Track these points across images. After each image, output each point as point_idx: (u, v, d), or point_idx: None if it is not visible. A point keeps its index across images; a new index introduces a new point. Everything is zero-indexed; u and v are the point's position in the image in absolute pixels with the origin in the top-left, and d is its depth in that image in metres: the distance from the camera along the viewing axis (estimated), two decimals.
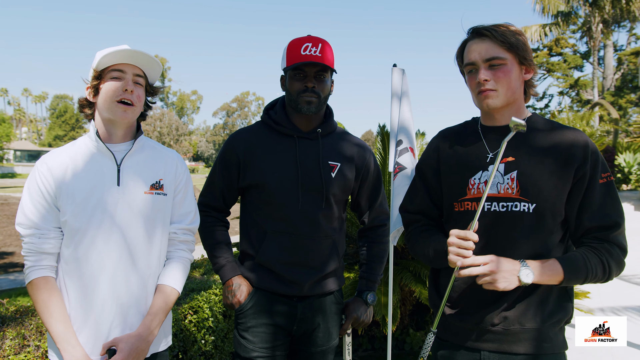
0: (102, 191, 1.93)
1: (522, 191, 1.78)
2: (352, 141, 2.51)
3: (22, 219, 1.91)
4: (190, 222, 2.16)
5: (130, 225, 1.95)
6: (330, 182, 2.34)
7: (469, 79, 1.89)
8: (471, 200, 1.86)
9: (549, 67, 37.55)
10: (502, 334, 1.82)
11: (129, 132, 2.05)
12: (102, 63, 1.94)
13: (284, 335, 2.36)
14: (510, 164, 1.82)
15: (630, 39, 36.34)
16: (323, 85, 2.31)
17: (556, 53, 37.65)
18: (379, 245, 2.58)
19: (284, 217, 2.31)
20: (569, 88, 38.84)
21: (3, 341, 2.61)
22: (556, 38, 32.80)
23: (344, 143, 2.47)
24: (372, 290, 2.51)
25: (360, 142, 2.54)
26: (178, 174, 2.12)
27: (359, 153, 2.48)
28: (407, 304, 5.01)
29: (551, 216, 1.79)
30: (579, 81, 37.54)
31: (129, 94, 1.95)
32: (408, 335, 5.19)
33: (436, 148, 2.05)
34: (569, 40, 36.72)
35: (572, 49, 37.53)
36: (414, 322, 5.31)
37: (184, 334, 3.36)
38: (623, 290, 7.61)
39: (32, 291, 1.90)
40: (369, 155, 2.51)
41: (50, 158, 1.97)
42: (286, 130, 2.37)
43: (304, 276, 2.32)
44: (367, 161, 2.49)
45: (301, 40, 2.29)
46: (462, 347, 1.91)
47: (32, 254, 1.90)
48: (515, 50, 1.81)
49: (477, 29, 1.86)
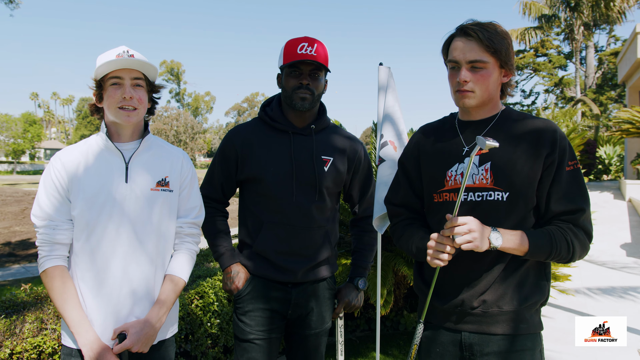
0: (112, 187, 1.91)
1: (495, 181, 1.76)
2: (344, 135, 2.47)
3: (37, 210, 1.89)
4: (195, 216, 2.13)
5: (139, 220, 1.93)
6: (323, 176, 2.31)
7: (450, 75, 1.84)
8: (449, 192, 1.84)
9: (535, 67, 37.31)
10: (481, 316, 1.80)
11: (136, 131, 2.01)
12: (99, 72, 1.90)
13: (280, 319, 2.33)
14: (485, 156, 1.79)
15: (609, 41, 36.18)
16: (317, 83, 2.28)
17: (542, 54, 37.41)
18: (370, 234, 2.55)
19: (279, 209, 2.28)
20: (553, 86, 38.60)
21: (23, 324, 2.59)
22: (541, 40, 32.60)
23: (336, 138, 2.43)
24: (362, 276, 2.49)
25: (352, 136, 2.50)
26: (183, 171, 2.08)
27: (350, 147, 2.44)
28: (401, 288, 4.97)
29: (524, 203, 1.76)
30: (563, 80, 37.32)
31: (129, 101, 1.91)
32: (402, 317, 5.17)
33: (416, 143, 2.02)
34: (553, 42, 36.47)
35: (556, 50, 37.30)
36: (408, 304, 5.28)
37: (190, 318, 3.33)
38: (602, 273, 7.58)
39: (46, 279, 1.88)
40: (360, 149, 2.47)
41: (64, 154, 1.96)
42: (281, 126, 2.33)
43: (297, 264, 2.29)
44: (358, 154, 2.45)
45: (297, 40, 2.26)
46: (443, 328, 1.89)
47: (46, 244, 1.88)
48: (498, 55, 1.75)
49: (465, 27, 1.78)
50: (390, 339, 4.89)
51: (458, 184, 1.81)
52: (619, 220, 11.01)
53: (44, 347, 2.53)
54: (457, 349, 1.85)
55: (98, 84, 1.93)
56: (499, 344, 1.78)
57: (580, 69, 29.62)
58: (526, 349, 1.79)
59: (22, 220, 14.20)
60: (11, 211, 15.45)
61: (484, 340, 1.80)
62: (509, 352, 1.78)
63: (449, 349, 1.87)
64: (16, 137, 56.80)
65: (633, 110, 13.73)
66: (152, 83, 2.03)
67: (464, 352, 1.84)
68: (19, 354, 2.46)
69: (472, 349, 1.82)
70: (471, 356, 1.83)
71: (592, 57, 30.02)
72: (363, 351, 4.62)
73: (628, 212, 11.79)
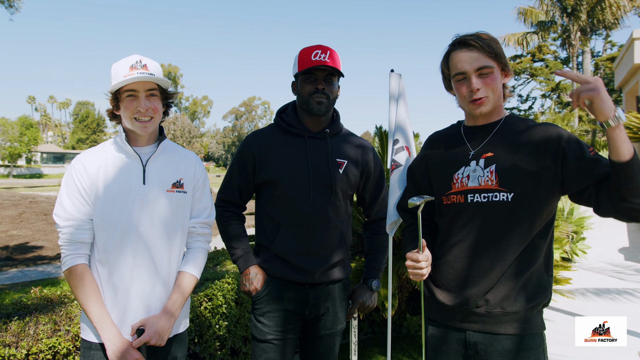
0: (130, 189, 2.00)
1: (500, 182, 1.82)
2: (357, 141, 2.55)
3: (60, 211, 1.97)
4: (207, 216, 2.22)
5: (155, 219, 2.02)
6: (339, 178, 2.38)
7: (458, 87, 1.91)
8: (456, 194, 1.92)
9: (532, 72, 37.53)
10: (485, 316, 1.86)
11: (152, 135, 2.12)
12: (114, 87, 1.99)
13: (297, 320, 2.38)
14: (490, 159, 1.87)
15: (606, 46, 36.40)
16: (332, 88, 2.36)
17: (539, 59, 37.63)
18: (382, 236, 2.60)
19: (297, 210, 2.34)
20: (550, 91, 38.83)
21: (37, 326, 2.63)
22: (538, 45, 32.79)
23: (349, 143, 2.50)
24: (376, 277, 2.54)
25: (365, 142, 2.57)
26: (197, 173, 2.18)
27: (363, 152, 2.51)
28: (404, 291, 5.01)
29: (528, 203, 1.81)
30: (560, 85, 37.53)
31: (144, 113, 2.00)
32: (405, 320, 5.21)
33: (425, 150, 2.13)
34: (550, 47, 36.69)
35: (553, 55, 37.49)
36: (410, 308, 5.32)
37: (199, 320, 3.37)
38: (600, 276, 7.67)
39: (70, 277, 1.96)
40: (372, 154, 2.55)
41: (85, 157, 2.05)
42: (297, 130, 2.40)
43: (315, 265, 2.34)
44: (370, 159, 2.53)
45: (311, 48, 2.34)
46: (449, 327, 1.96)
47: (70, 244, 1.96)
48: (499, 58, 1.86)
49: (464, 39, 1.87)
50: (393, 342, 4.93)
51: (464, 186, 1.88)
52: (617, 225, 11.08)
53: (59, 347, 2.57)
54: (462, 347, 1.91)
55: (114, 95, 2.03)
56: (502, 344, 1.83)
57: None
58: (530, 348, 1.83)
59: (19, 224, 14.18)
60: (8, 215, 15.41)
61: (488, 339, 1.86)
62: (512, 351, 1.83)
63: (454, 347, 1.93)
64: (12, 140, 56.75)
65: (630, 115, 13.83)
66: (165, 91, 2.12)
67: (468, 351, 1.90)
68: (35, 354, 2.51)
69: (477, 347, 1.87)
70: (475, 355, 1.88)
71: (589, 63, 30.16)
72: (367, 354, 4.66)
73: None
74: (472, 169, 1.88)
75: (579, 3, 24.48)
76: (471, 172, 1.88)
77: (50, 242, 11.89)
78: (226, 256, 4.81)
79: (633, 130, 13.55)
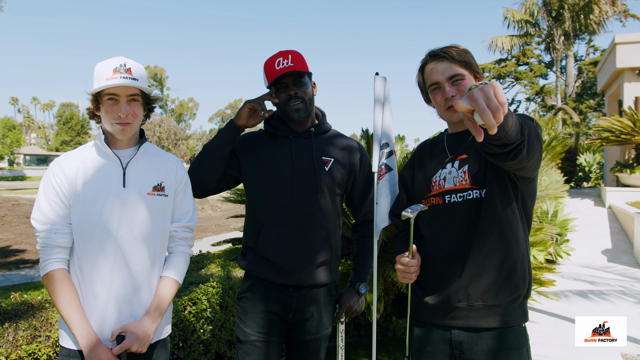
0: (110, 192, 1.96)
1: (472, 181, 1.91)
2: (345, 141, 2.55)
3: (38, 215, 1.93)
4: (189, 220, 2.19)
5: (135, 222, 1.98)
6: (324, 174, 2.38)
7: (434, 96, 2.02)
8: (435, 196, 2.00)
9: (516, 75, 37.90)
10: (467, 310, 1.90)
11: (133, 138, 2.07)
12: (95, 90, 1.95)
13: (280, 323, 2.36)
14: (463, 160, 1.96)
15: (589, 50, 36.99)
16: (304, 89, 2.37)
17: (523, 63, 38.00)
18: (371, 239, 2.58)
19: (280, 208, 2.33)
20: (535, 95, 39.24)
21: (16, 332, 2.58)
22: (522, 49, 33.18)
23: (336, 141, 2.51)
24: (364, 281, 2.53)
25: (353, 142, 2.57)
26: (178, 176, 2.15)
27: (351, 151, 2.51)
28: (390, 294, 5.02)
29: (500, 196, 1.86)
30: (544, 88, 37.97)
31: (124, 118, 1.97)
32: (391, 323, 5.22)
33: (413, 157, 2.24)
34: (534, 51, 37.13)
35: (537, 59, 37.92)
36: (396, 310, 5.33)
37: (184, 324, 3.34)
38: (584, 278, 7.73)
39: (47, 282, 1.91)
40: (360, 153, 2.55)
41: (63, 160, 2.01)
42: (282, 132, 2.42)
43: (298, 265, 2.32)
44: (359, 158, 2.52)
45: (273, 58, 2.37)
46: (433, 326, 2.00)
47: (48, 248, 1.92)
48: (470, 66, 1.97)
49: (434, 52, 2.00)
50: (378, 345, 4.94)
51: (442, 188, 1.97)
52: (600, 227, 11.23)
53: (39, 354, 2.53)
54: (448, 347, 1.95)
55: (94, 97, 1.99)
56: (487, 342, 1.87)
57: (560, 77, 30.28)
58: (514, 347, 1.87)
59: (1, 227, 13.89)
60: None
61: (473, 338, 1.90)
62: (497, 350, 1.87)
63: (439, 347, 1.97)
64: None
65: (612, 118, 14.05)
66: (147, 95, 2.09)
67: (454, 350, 1.93)
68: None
69: (462, 347, 1.91)
70: (461, 354, 1.92)
71: (572, 67, 30.72)
72: (352, 357, 4.65)
73: (608, 218, 12.02)
74: (447, 171, 1.98)
75: (563, 7, 24.85)
76: (447, 174, 1.97)
77: (33, 245, 11.71)
78: (210, 260, 4.77)
79: (615, 133, 13.78)
